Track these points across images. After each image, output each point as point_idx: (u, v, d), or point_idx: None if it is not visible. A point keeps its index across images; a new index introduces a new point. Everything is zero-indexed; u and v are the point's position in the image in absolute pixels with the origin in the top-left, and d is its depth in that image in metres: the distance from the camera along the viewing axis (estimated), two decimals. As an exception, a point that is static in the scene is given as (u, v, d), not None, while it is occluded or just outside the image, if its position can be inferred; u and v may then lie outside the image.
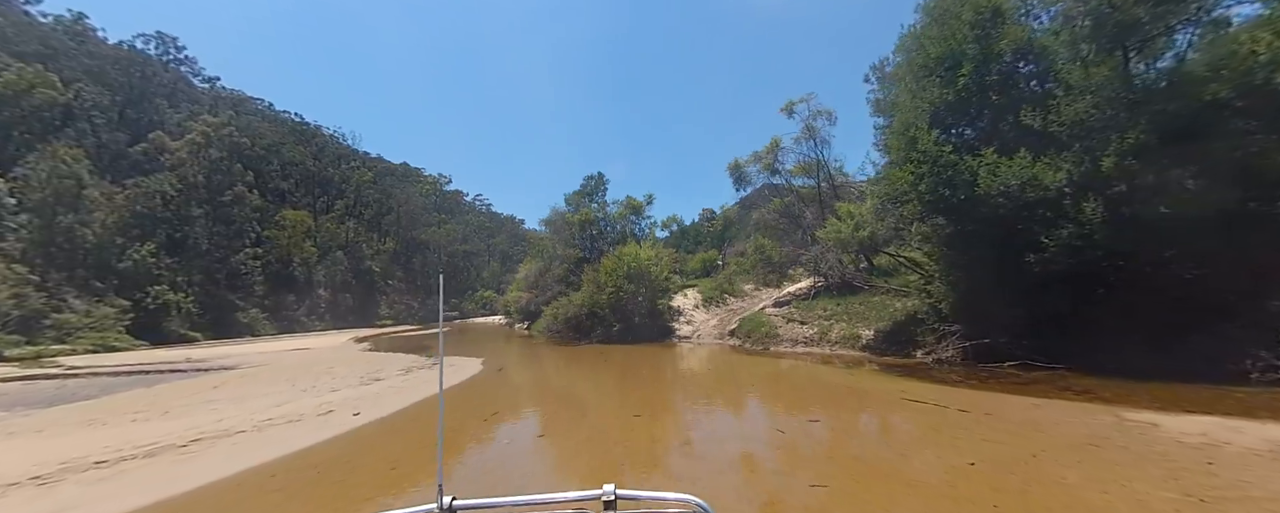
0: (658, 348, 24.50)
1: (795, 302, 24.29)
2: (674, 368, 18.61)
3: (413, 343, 37.55)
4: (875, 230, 17.71)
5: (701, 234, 64.54)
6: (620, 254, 28.25)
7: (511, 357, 25.26)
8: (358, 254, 75.31)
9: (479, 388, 16.03)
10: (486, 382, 17.33)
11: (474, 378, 18.08)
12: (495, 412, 11.91)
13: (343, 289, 74.07)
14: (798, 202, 26.74)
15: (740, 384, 14.74)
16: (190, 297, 61.19)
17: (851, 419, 10.64)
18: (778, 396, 13.02)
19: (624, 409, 11.86)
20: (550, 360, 23.69)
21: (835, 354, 18.84)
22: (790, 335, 21.10)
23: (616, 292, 27.05)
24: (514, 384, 16.53)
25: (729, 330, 25.17)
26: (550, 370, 20.08)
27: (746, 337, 22.69)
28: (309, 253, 72.34)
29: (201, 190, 65.28)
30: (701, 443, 8.76)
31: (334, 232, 74.50)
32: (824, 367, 16.34)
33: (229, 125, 67.41)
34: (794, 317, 22.59)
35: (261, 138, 73.55)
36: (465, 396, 14.79)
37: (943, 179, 14.88)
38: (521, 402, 14.11)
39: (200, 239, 65.40)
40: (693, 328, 28.14)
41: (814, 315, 22.10)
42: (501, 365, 20.90)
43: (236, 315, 64.87)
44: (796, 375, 15.65)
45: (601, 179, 37.73)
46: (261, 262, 68.82)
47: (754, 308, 28.59)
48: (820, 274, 24.31)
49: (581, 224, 33.63)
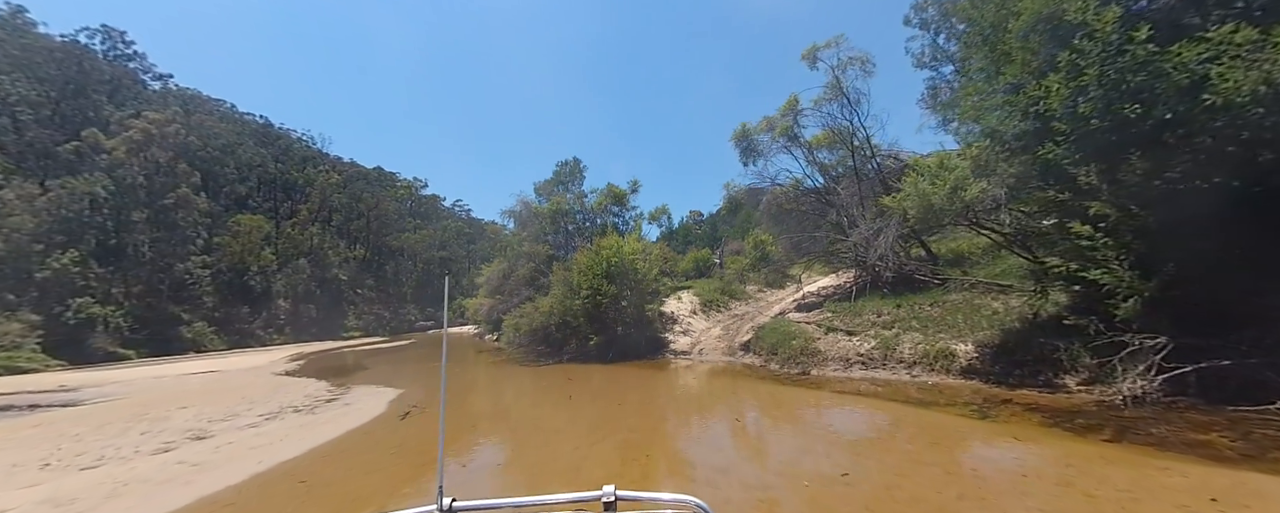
0: (648, 369, 17.54)
1: (830, 304, 17.57)
2: (679, 413, 11.41)
3: (355, 362, 30.05)
4: (986, 190, 10.98)
5: (691, 234, 57.87)
6: (598, 247, 21.31)
7: (437, 388, 18.03)
8: (323, 262, 67.24)
9: (342, 455, 8.93)
10: (369, 439, 10.21)
11: (357, 431, 10.96)
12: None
13: (305, 299, 65.86)
14: (825, 176, 20.10)
15: (826, 472, 7.98)
16: (123, 310, 52.83)
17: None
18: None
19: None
20: (491, 394, 16.61)
21: (918, 381, 12.05)
22: (837, 353, 14.27)
23: (593, 295, 20.07)
24: (406, 448, 9.40)
25: (741, 343, 18.30)
26: (480, 415, 12.95)
27: (770, 354, 15.79)
28: (267, 261, 64.16)
29: (142, 193, 57.13)
30: None
31: (296, 238, 66.42)
32: (934, 414, 9.36)
33: (174, 122, 59.34)
34: (834, 325, 15.79)
35: (216, 138, 65.48)
36: (309, 470, 7.74)
37: (1128, 88, 8.29)
38: (395, 485, 7.07)
39: (141, 246, 57.17)
40: (691, 339, 21.21)
41: (863, 322, 15.35)
42: (415, 404, 13.76)
43: (180, 330, 56.56)
44: (910, 442, 7.95)
45: (577, 165, 30.83)
46: (211, 271, 60.53)
47: (768, 313, 21.78)
48: (865, 266, 17.64)
49: (552, 216, 26.69)
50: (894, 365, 13.10)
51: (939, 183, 11.39)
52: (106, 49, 66.85)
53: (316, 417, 13.08)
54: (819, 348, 14.69)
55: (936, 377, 11.99)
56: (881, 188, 18.78)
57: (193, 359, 40.26)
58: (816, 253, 20.17)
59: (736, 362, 17.21)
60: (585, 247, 22.70)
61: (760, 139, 20.72)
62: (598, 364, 19.17)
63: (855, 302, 16.85)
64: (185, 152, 61.49)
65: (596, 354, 20.19)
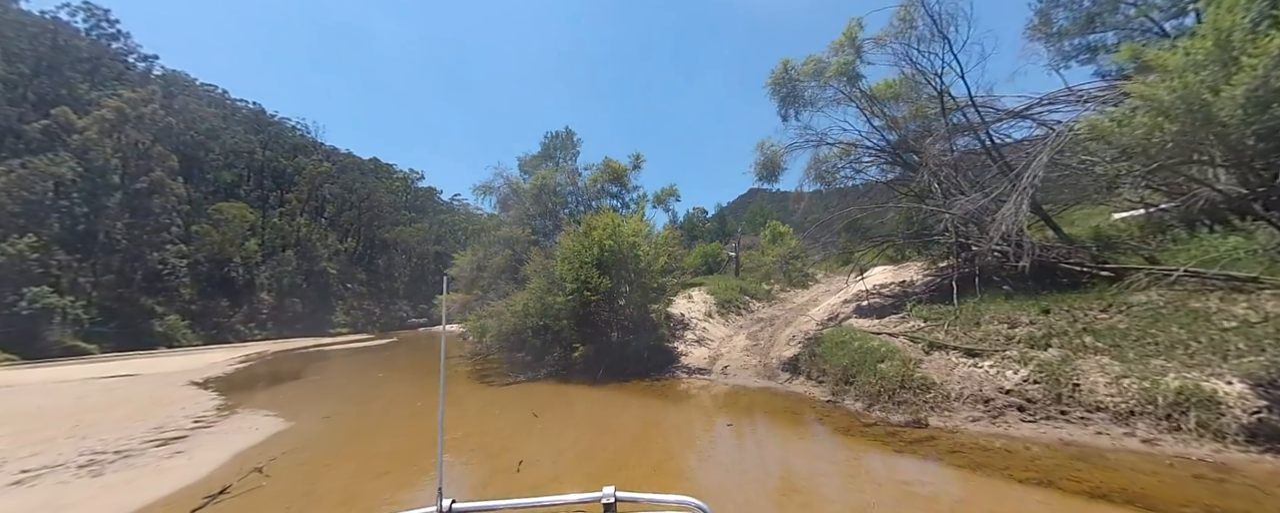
0: (652, 397, 11.71)
1: (916, 307, 11.76)
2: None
3: (303, 368, 24.35)
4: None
5: (698, 230, 52.02)
6: (588, 227, 15.56)
7: (342, 420, 12.22)
8: (311, 254, 61.69)
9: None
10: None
11: None
12: None
13: (290, 293, 60.31)
14: (896, 132, 14.19)
15: None
16: (87, 301, 47.39)
17: None
18: None
19: None
20: (389, 447, 10.89)
21: (1154, 450, 6.29)
22: (966, 388, 8.45)
23: (581, 290, 14.33)
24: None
25: (783, 360, 12.49)
26: (339, 491, 7.19)
27: (842, 382, 9.89)
28: (251, 252, 58.66)
29: (115, 176, 51.75)
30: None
31: (283, 229, 60.91)
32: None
33: (152, 103, 53.96)
34: (938, 338, 9.99)
35: (200, 121, 60.08)
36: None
37: None
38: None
39: (113, 233, 51.77)
40: (710, 352, 15.40)
41: (988, 336, 9.55)
42: (275, 457, 8.04)
43: (152, 323, 51.13)
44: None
45: (570, 137, 25.08)
46: (189, 261, 55.03)
47: (809, 317, 15.97)
48: (966, 254, 11.87)
49: (536, 194, 20.99)
50: (1083, 414, 7.30)
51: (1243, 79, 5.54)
52: (89, 27, 61.58)
53: (110, 476, 7.51)
54: (929, 377, 8.88)
55: (1192, 446, 6.19)
56: (988, 149, 13.00)
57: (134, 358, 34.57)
58: (883, 236, 14.30)
59: (780, 388, 11.37)
60: (572, 226, 16.99)
61: (806, 85, 14.97)
62: (583, 384, 13.40)
63: (960, 304, 11.02)
64: (166, 135, 56.06)
65: (583, 369, 14.44)
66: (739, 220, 53.67)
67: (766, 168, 15.12)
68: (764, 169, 15.17)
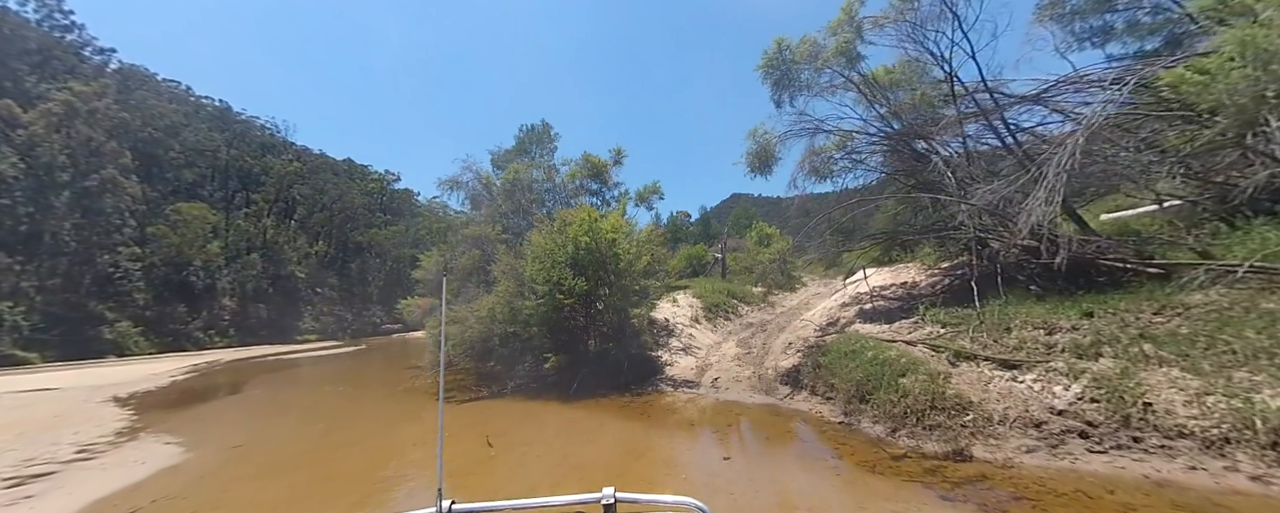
0: (633, 416, 9.97)
1: (930, 312, 10.31)
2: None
3: (246, 379, 22.02)
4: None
5: (682, 233, 50.57)
6: (562, 223, 13.86)
7: (256, 450, 10.22)
8: (278, 257, 58.53)
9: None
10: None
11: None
12: None
13: (255, 298, 57.04)
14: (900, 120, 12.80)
15: None
16: (28, 306, 43.81)
17: None
18: None
19: None
20: (297, 493, 8.96)
21: (1275, 486, 4.88)
22: (1009, 408, 6.97)
23: (553, 292, 12.59)
24: None
25: (782, 371, 10.92)
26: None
27: (856, 399, 8.30)
28: (213, 255, 55.33)
29: (63, 174, 48.18)
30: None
31: (248, 231, 57.69)
32: None
33: (106, 96, 50.55)
34: (966, 348, 8.51)
35: (159, 117, 56.66)
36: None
37: None
38: None
39: (61, 235, 48.15)
40: (697, 361, 13.77)
41: (1023, 343, 8.11)
42: (137, 510, 6.15)
43: (101, 330, 47.57)
44: None
45: (547, 130, 23.37)
46: (144, 264, 51.51)
47: (804, 321, 14.49)
48: (984, 251, 10.50)
49: (508, 189, 19.17)
50: (1162, 441, 5.85)
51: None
52: (41, 18, 57.73)
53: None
54: (964, 394, 7.36)
55: None
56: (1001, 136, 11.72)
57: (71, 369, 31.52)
58: (890, 233, 12.84)
59: (781, 405, 9.78)
60: (544, 222, 15.21)
61: (801, 68, 13.55)
62: (554, 400, 11.62)
63: (982, 307, 9.59)
64: (121, 131, 52.61)
65: (557, 382, 12.66)
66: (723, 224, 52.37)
67: (759, 158, 13.61)
68: (756, 159, 13.65)
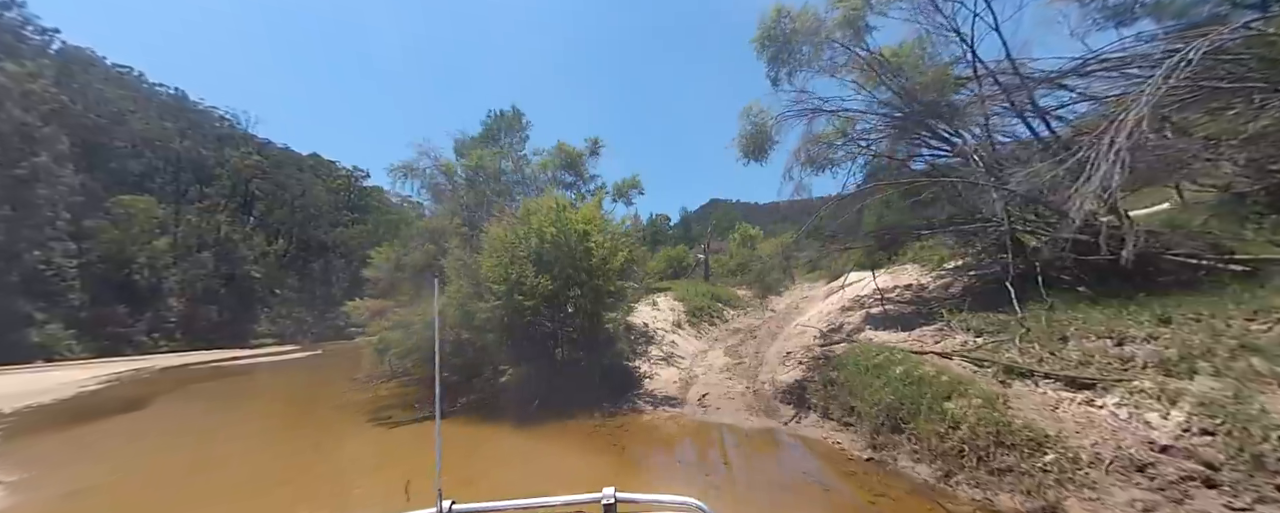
0: (602, 449, 7.82)
1: (957, 318, 8.61)
2: None
3: (161, 391, 19.20)
4: None
5: (662, 236, 48.79)
6: (526, 212, 11.82)
7: (100, 498, 7.85)
8: (232, 256, 54.59)
9: None
10: None
11: None
12: None
13: (207, 299, 52.94)
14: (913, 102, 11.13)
15: None
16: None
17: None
18: None
19: None
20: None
21: None
22: (1095, 443, 5.24)
23: (513, 292, 10.50)
24: None
25: (783, 386, 9.06)
26: None
27: (888, 428, 6.45)
28: (159, 252, 51.14)
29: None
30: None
31: (200, 227, 53.66)
32: None
33: (42, 78, 46.26)
34: (1017, 363, 6.79)
35: (104, 103, 52.36)
36: None
37: None
38: None
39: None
40: (681, 373, 11.83)
41: (1091, 360, 6.42)
42: None
43: (28, 333, 43.14)
44: None
45: (517, 118, 21.25)
46: (80, 261, 47.12)
47: (800, 326, 12.73)
48: (1017, 247, 8.89)
49: (471, 178, 16.99)
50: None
51: None
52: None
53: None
54: (1035, 424, 5.59)
55: None
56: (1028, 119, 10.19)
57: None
58: (908, 227, 11.12)
59: (786, 432, 7.89)
60: (506, 212, 13.08)
61: (801, 44, 11.85)
62: (509, 423, 9.51)
63: (1024, 312, 7.92)
64: (60, 116, 48.25)
65: (517, 398, 10.55)
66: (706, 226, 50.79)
67: (753, 142, 11.82)
68: (750, 143, 11.86)
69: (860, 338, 9.67)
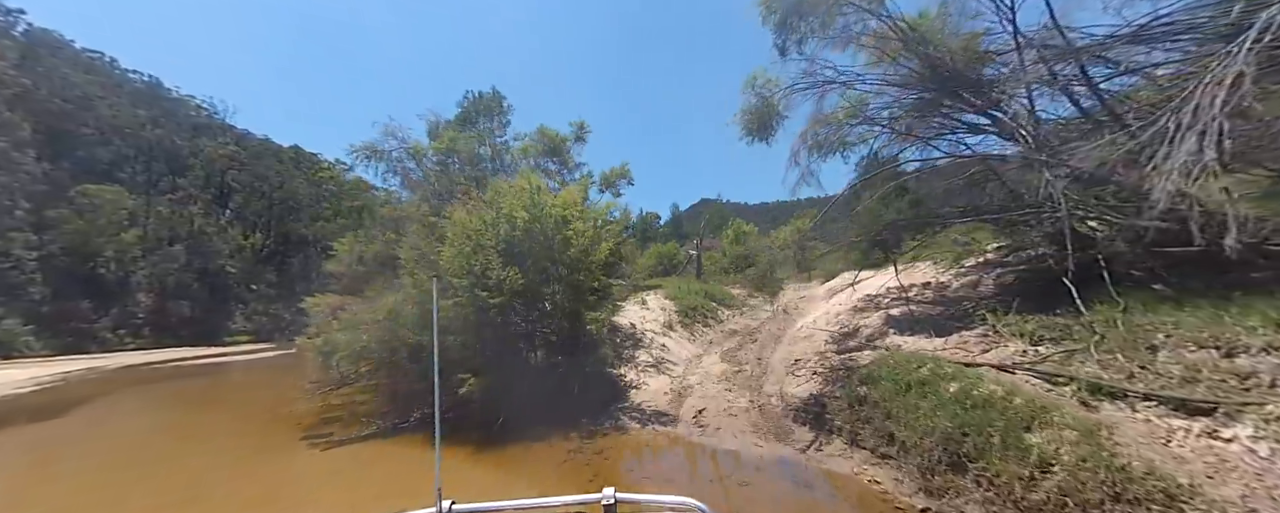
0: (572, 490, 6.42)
1: (1004, 321, 7.13)
2: None
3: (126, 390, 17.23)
4: None
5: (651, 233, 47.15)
6: (495, 195, 10.16)
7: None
8: (206, 249, 52.09)
9: None
10: None
11: None
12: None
13: (178, 295, 50.39)
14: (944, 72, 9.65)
15: None
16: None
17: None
18: None
19: None
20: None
21: None
22: (1258, 499, 3.75)
23: (477, 286, 8.81)
24: None
25: (795, 402, 7.51)
26: None
27: (947, 467, 4.96)
28: (127, 245, 48.54)
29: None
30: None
31: (171, 219, 51.11)
32: None
33: (2, 59, 43.54)
34: (1101, 379, 5.29)
35: (70, 88, 49.60)
36: None
37: None
38: None
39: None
40: (673, 382, 10.25)
41: (1198, 375, 4.94)
42: None
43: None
44: None
45: (498, 100, 19.51)
46: (41, 253, 44.41)
47: (806, 327, 11.19)
48: (1071, 239, 7.40)
49: (442, 162, 15.24)
50: None
51: None
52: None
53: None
54: (1158, 468, 4.07)
55: None
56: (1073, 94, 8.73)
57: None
58: (943, 215, 9.57)
59: (807, 464, 6.28)
60: (473, 195, 11.39)
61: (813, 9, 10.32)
62: (469, 444, 7.85)
63: (1093, 314, 6.44)
64: (22, 101, 45.49)
65: (483, 411, 8.88)
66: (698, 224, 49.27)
67: (757, 118, 10.25)
68: (754, 120, 10.29)
69: (885, 344, 8.13)
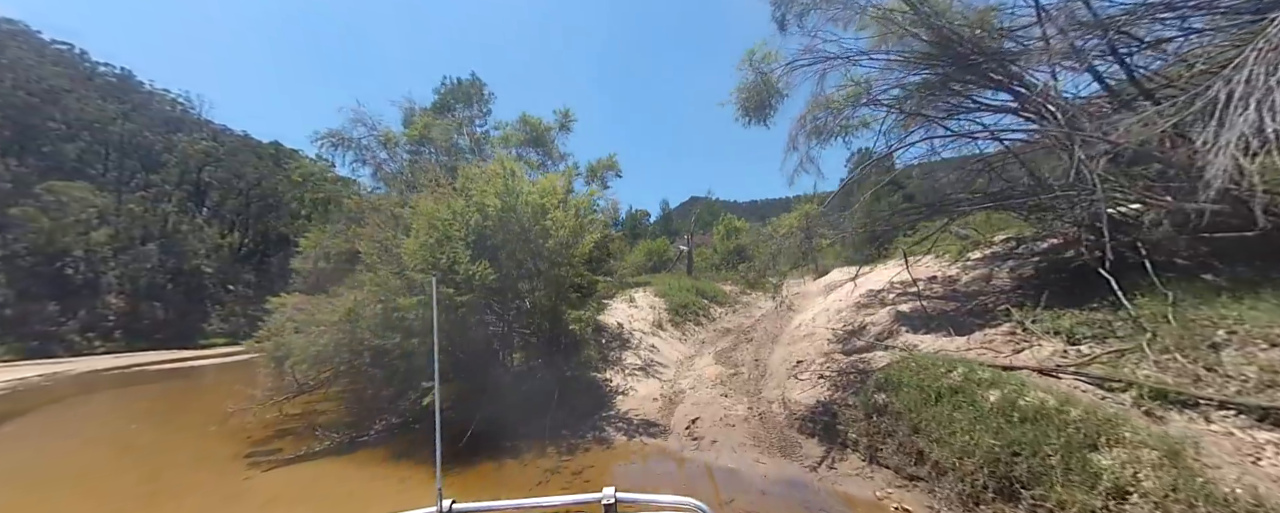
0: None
1: (1039, 317, 6.33)
2: None
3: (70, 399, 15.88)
4: None
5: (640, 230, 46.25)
6: (465, 182, 9.16)
7: None
8: (180, 249, 50.23)
9: None
10: None
11: None
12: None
13: (150, 295, 48.53)
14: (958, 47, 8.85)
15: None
16: None
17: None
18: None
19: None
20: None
21: None
22: None
23: (445, 279, 7.80)
24: None
25: (800, 410, 6.62)
26: None
27: (996, 493, 4.12)
28: (97, 244, 46.58)
29: (-109, 141, 38.76)
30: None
31: (143, 217, 49.15)
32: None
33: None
34: (1163, 384, 4.48)
35: (35, 81, 47.40)
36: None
37: None
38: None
39: (-113, 216, 38.86)
40: (662, 388, 9.35)
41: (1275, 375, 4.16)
42: None
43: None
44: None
45: (478, 88, 18.46)
46: (4, 253, 42.34)
47: (802, 329, 10.36)
48: (1086, 223, 6.61)
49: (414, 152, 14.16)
50: None
51: None
52: (-119, -43, 47.18)
53: None
54: (1269, 498, 3.25)
55: None
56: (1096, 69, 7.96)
57: None
58: (976, 200, 8.69)
59: (818, 486, 5.40)
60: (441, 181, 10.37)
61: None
62: (425, 465, 6.88)
63: (1138, 308, 5.66)
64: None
65: (451, 428, 7.88)
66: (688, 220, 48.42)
67: (755, 96, 9.36)
68: (751, 98, 9.40)
69: (899, 343, 7.29)
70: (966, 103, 8.91)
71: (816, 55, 9.32)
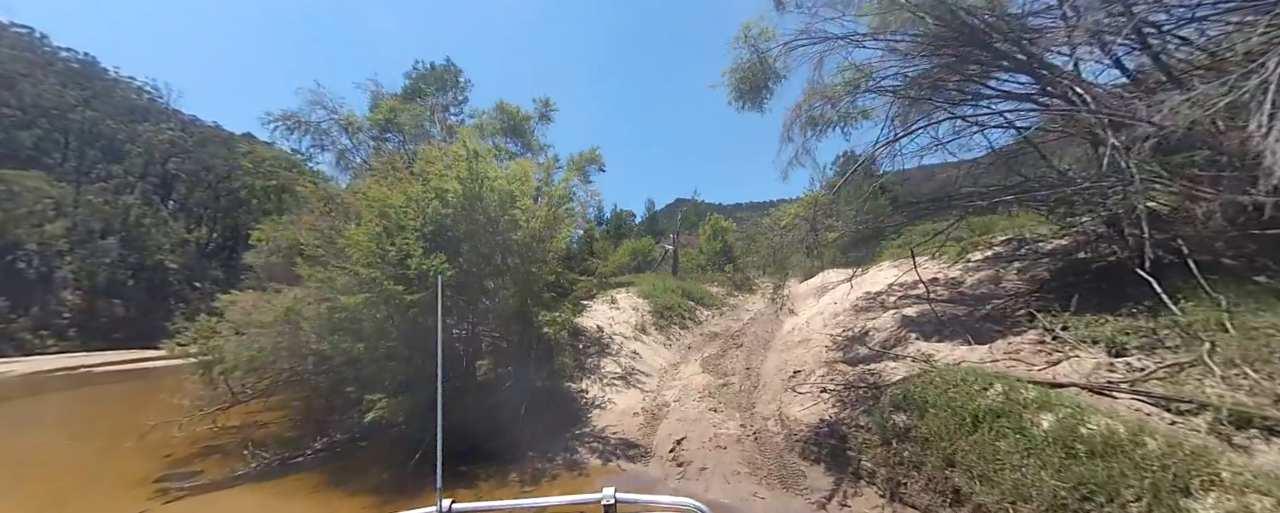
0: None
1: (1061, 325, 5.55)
2: None
3: None
4: None
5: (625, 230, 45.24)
6: (424, 165, 8.11)
7: None
8: (143, 244, 47.77)
9: None
10: None
11: None
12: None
13: (110, 292, 46.03)
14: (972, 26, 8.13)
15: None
16: None
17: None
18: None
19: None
20: None
21: None
22: None
23: (385, 281, 6.74)
24: None
25: (802, 429, 5.77)
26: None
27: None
28: (52, 237, 44.00)
29: None
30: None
31: (103, 210, 46.62)
32: None
33: (-103, 30, 38.62)
34: (1242, 406, 3.69)
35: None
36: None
37: None
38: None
39: None
40: (644, 400, 8.41)
41: None
42: None
43: None
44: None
45: (453, 75, 17.32)
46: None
47: (797, 334, 9.53)
48: (1132, 220, 5.86)
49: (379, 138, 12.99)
50: None
51: None
52: None
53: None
54: None
55: None
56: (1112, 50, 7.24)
57: None
58: (1000, 193, 7.89)
59: None
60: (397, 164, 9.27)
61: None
62: (363, 495, 5.84)
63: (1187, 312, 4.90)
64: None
65: (396, 446, 6.85)
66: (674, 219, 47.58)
67: (749, 78, 8.50)
68: (745, 80, 8.53)
69: (910, 352, 6.45)
70: (980, 88, 8.14)
71: (816, 35, 8.47)
